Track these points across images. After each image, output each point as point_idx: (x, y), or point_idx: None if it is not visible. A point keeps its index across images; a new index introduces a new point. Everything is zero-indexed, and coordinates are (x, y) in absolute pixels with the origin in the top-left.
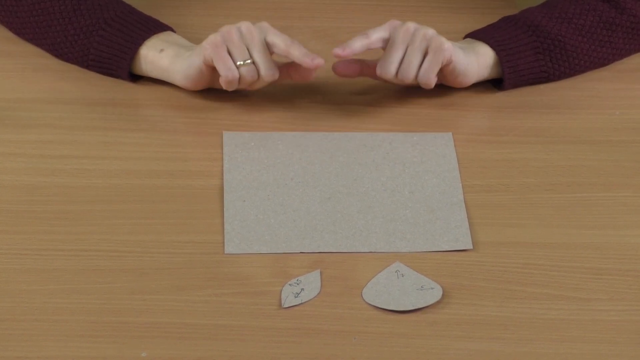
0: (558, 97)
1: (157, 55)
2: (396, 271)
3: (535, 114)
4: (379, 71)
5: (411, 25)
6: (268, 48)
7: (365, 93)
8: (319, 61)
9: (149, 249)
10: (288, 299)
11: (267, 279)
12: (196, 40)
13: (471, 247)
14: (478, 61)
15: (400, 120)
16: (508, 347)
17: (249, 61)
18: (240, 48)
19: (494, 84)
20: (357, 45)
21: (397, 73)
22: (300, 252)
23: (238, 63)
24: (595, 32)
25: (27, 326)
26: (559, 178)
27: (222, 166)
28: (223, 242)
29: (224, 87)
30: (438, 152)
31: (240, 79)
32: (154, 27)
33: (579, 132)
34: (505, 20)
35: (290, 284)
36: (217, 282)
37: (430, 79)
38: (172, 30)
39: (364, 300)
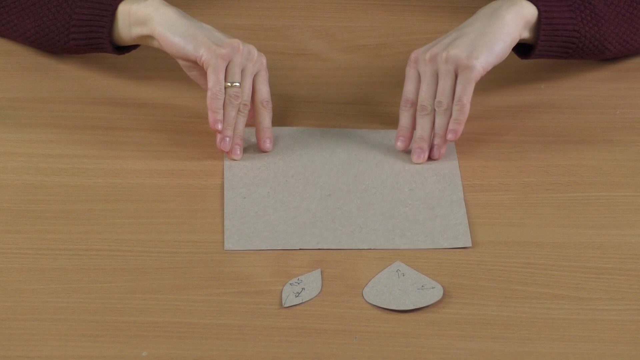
0: (558, 96)
1: (138, 7)
2: (397, 270)
3: (535, 113)
4: (419, 112)
5: (432, 51)
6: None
7: (366, 91)
8: (267, 147)
9: (150, 248)
10: (289, 299)
11: (268, 278)
12: None
13: (470, 245)
14: (516, 23)
15: None
16: (509, 347)
17: (237, 84)
18: (236, 70)
19: (519, 52)
20: (407, 123)
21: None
22: (300, 249)
23: (227, 83)
24: (621, 4)
25: (28, 325)
26: (559, 178)
27: (223, 164)
28: (223, 240)
29: (208, 103)
30: None
31: (225, 98)
32: None
33: (579, 132)
34: None
35: (291, 284)
36: (218, 281)
37: (466, 102)
38: None
39: (364, 299)
